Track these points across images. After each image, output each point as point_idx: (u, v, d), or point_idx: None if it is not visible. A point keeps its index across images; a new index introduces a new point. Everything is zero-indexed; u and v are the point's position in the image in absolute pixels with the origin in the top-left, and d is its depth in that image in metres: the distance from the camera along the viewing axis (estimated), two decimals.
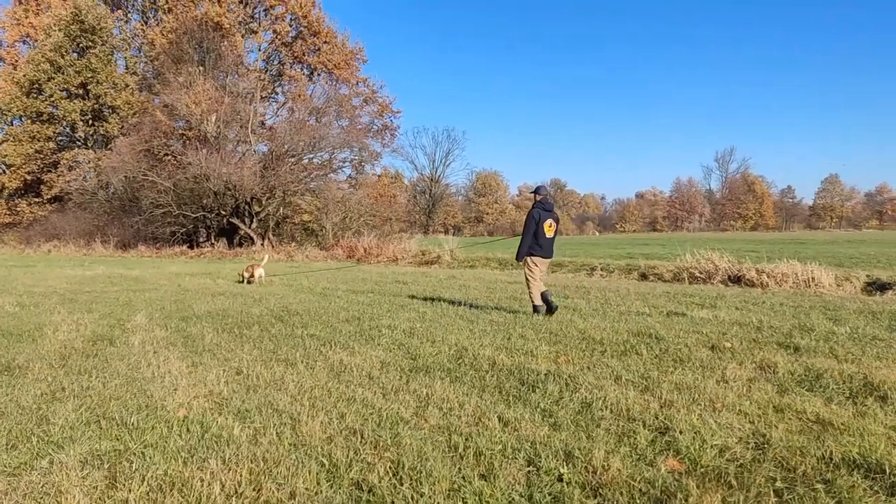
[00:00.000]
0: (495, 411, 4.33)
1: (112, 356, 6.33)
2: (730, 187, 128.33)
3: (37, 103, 42.31)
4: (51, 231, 40.40)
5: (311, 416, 4.23)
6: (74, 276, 17.53)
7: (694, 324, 8.18)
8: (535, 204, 9.34)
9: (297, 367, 5.81)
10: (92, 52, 42.08)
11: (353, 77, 46.25)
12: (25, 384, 5.21)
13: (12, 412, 4.43)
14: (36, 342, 7.17)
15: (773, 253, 19.43)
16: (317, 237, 36.64)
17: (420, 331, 7.66)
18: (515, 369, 5.59)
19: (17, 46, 50.13)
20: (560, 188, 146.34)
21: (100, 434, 3.94)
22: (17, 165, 44.39)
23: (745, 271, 14.35)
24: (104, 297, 12.00)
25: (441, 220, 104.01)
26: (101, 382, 5.23)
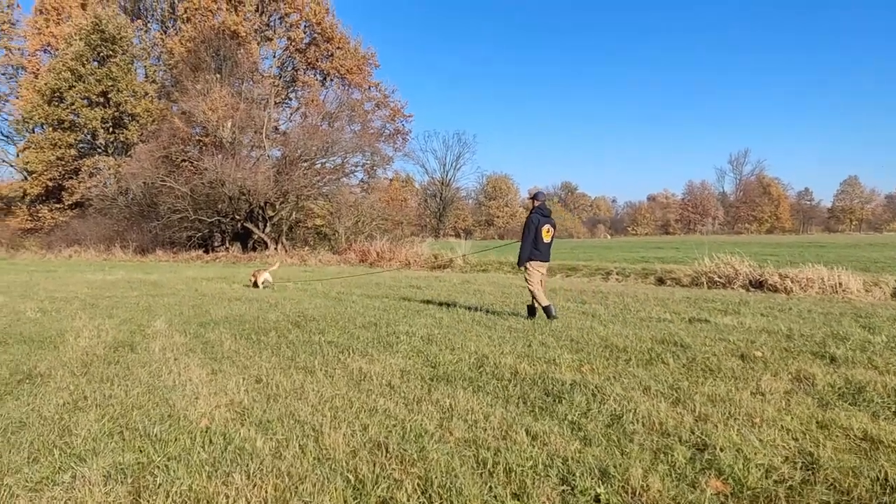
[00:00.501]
0: (522, 424, 4.26)
1: (133, 363, 6.33)
2: (744, 190, 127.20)
3: (58, 111, 42.70)
4: (72, 236, 40.74)
5: (334, 427, 4.18)
6: (95, 281, 17.66)
7: (719, 331, 8.05)
8: (533, 209, 9.50)
9: (316, 375, 5.77)
10: (112, 60, 42.45)
11: (366, 82, 46.38)
12: (47, 393, 5.20)
13: (34, 423, 4.42)
14: (58, 349, 7.19)
15: (794, 257, 19.17)
16: (329, 241, 36.70)
17: (438, 337, 7.61)
18: (539, 379, 5.52)
19: (39, 55, 50.71)
20: (570, 191, 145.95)
21: (123, 446, 3.91)
22: (39, 172, 44.82)
23: (768, 276, 14.12)
24: (124, 302, 12.06)
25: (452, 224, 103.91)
26: (124, 391, 5.22)
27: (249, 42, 40.60)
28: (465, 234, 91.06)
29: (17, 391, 5.31)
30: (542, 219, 9.36)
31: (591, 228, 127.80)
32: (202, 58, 37.59)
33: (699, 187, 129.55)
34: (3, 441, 4.05)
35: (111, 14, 43.21)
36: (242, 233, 37.02)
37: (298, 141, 35.81)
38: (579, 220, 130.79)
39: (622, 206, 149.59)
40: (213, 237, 38.32)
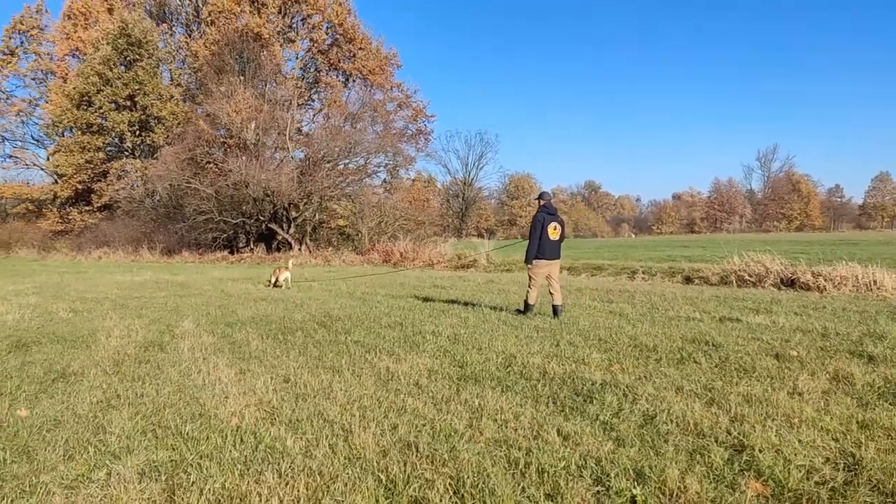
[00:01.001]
0: (553, 424, 4.22)
1: (164, 362, 6.40)
2: (773, 187, 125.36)
3: (87, 115, 43.48)
4: (101, 238, 41.44)
5: (363, 427, 4.17)
6: (124, 282, 17.92)
7: (751, 330, 7.92)
8: (539, 208, 9.73)
9: (343, 374, 5.78)
10: (139, 64, 43.13)
11: (388, 82, 46.59)
12: (81, 391, 5.28)
13: (69, 421, 4.48)
14: (90, 348, 7.29)
15: (825, 254, 18.79)
16: (353, 242, 36.88)
17: (465, 337, 7.58)
18: (568, 378, 5.47)
19: (67, 60, 51.73)
20: (594, 190, 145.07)
21: (156, 444, 3.95)
22: (69, 175, 45.72)
23: (800, 274, 13.86)
24: (153, 302, 12.21)
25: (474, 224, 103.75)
26: (155, 389, 5.27)
27: (272, 44, 40.99)
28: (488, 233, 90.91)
29: (51, 390, 5.39)
30: (548, 217, 9.57)
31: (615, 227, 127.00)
32: (226, 60, 38.01)
33: (726, 185, 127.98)
34: (38, 439, 4.11)
35: (137, 18, 43.94)
36: (267, 234, 37.36)
37: (321, 142, 36.04)
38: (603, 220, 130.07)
39: (646, 204, 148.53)
40: (238, 238, 38.72)
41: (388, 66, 46.50)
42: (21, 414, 4.68)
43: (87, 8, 49.67)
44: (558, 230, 9.63)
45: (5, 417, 4.59)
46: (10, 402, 5.00)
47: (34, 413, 4.69)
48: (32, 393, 5.28)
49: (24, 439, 4.10)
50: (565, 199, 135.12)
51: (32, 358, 6.74)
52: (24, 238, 49.32)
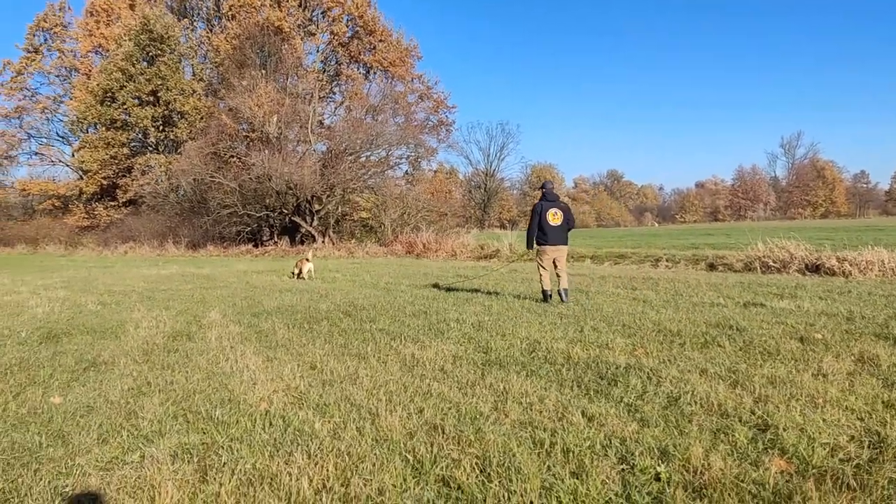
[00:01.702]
0: (578, 406, 4.22)
1: (192, 351, 6.49)
2: (797, 174, 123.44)
3: (110, 111, 44.03)
4: (126, 233, 42.03)
5: (389, 410, 4.21)
6: (150, 276, 18.18)
7: (776, 314, 7.84)
8: (540, 197, 10.06)
9: (369, 361, 5.83)
10: (161, 60, 43.55)
11: (409, 74, 46.52)
12: (112, 379, 5.38)
13: (101, 406, 4.58)
14: (119, 338, 7.43)
15: (851, 240, 18.50)
16: (376, 233, 36.97)
17: (489, 324, 7.60)
18: (592, 363, 5.46)
19: (91, 56, 52.45)
20: (617, 179, 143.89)
21: (187, 427, 4.02)
22: (94, 171, 46.40)
23: (825, 259, 13.69)
24: (179, 294, 12.38)
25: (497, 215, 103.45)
26: (184, 377, 5.36)
27: (293, 37, 41.14)
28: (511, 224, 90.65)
29: (83, 378, 5.50)
30: (547, 203, 9.84)
31: (637, 217, 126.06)
32: (247, 54, 38.23)
33: (750, 172, 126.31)
34: (72, 424, 4.20)
35: (159, 14, 44.34)
36: (290, 227, 37.62)
37: (343, 134, 36.13)
38: (626, 209, 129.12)
39: (669, 193, 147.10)
40: (262, 231, 39.04)
41: (408, 58, 46.45)
42: (55, 401, 4.78)
43: (109, 4, 50.27)
44: (559, 216, 9.81)
45: (40, 404, 4.70)
46: (43, 389, 5.11)
47: (67, 400, 4.80)
48: (65, 381, 5.40)
49: (58, 424, 4.20)
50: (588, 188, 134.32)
51: (63, 348, 6.87)
52: (50, 234, 50.15)
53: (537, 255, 10.02)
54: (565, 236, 9.98)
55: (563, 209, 9.93)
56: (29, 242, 49.83)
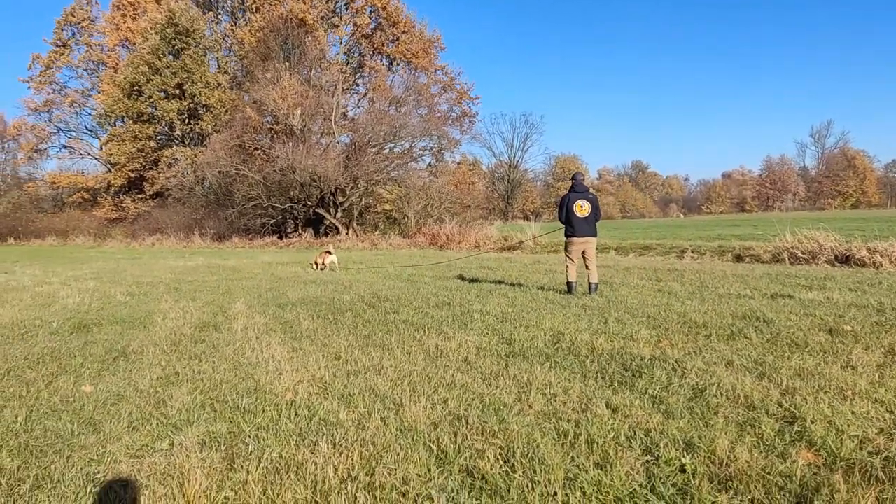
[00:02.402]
0: (602, 397, 4.21)
1: (218, 342, 6.58)
2: (827, 163, 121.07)
3: (137, 104, 44.63)
4: (153, 225, 42.68)
5: (414, 401, 4.22)
6: (177, 267, 18.44)
7: (804, 306, 7.73)
8: (570, 189, 10.01)
9: (393, 352, 5.86)
10: (186, 53, 43.98)
11: (432, 65, 46.49)
12: (141, 369, 5.48)
13: (131, 395, 4.66)
14: (147, 329, 7.55)
15: (882, 231, 18.14)
16: (399, 225, 37.07)
17: (512, 315, 7.59)
18: (616, 354, 5.43)
19: (117, 50, 53.21)
20: (642, 170, 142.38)
21: (214, 417, 4.08)
22: (122, 164, 47.17)
23: (855, 250, 13.44)
24: (205, 286, 12.54)
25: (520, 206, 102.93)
26: (211, 367, 5.44)
27: (316, 29, 41.29)
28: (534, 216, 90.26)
29: (112, 367, 5.61)
30: (574, 195, 9.77)
31: (663, 208, 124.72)
32: (271, 47, 38.45)
33: (778, 162, 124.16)
34: (103, 412, 4.28)
35: (184, 7, 44.73)
36: (314, 218, 37.86)
37: (367, 126, 36.21)
38: (651, 200, 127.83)
39: (695, 184, 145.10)
40: (287, 223, 39.34)
41: (431, 49, 46.39)
42: (86, 390, 4.88)
43: None
44: (586, 207, 9.72)
45: (71, 393, 4.79)
46: (74, 378, 5.22)
47: (98, 389, 4.89)
48: (95, 370, 5.50)
49: (89, 413, 4.29)
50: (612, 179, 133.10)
51: (94, 338, 7.01)
52: (80, 226, 51.16)
53: (565, 247, 10.05)
54: (593, 228, 9.86)
55: (591, 201, 9.81)
56: (59, 234, 50.87)
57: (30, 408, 4.42)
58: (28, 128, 57.12)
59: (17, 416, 4.23)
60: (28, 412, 4.31)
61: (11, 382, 5.13)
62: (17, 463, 3.43)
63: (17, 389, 4.91)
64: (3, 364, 5.77)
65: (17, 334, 7.35)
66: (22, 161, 61.96)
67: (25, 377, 5.30)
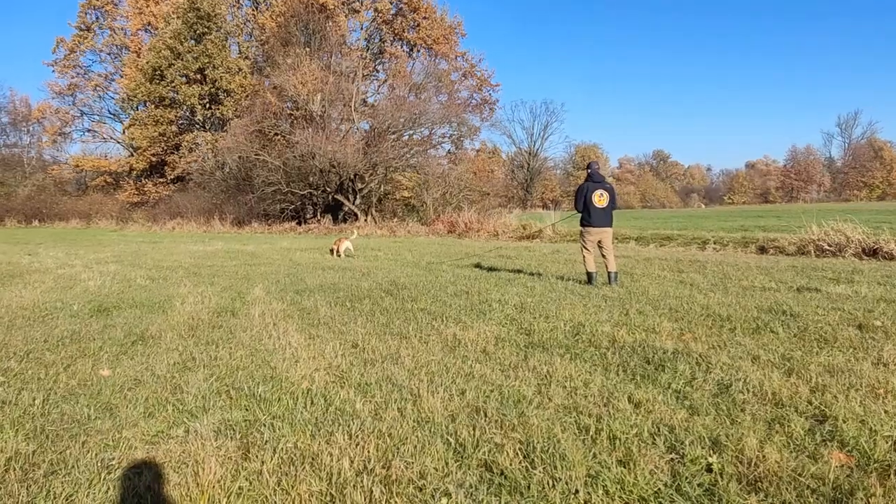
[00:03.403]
0: (624, 391, 4.11)
1: (235, 328, 6.55)
2: (854, 154, 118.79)
3: (159, 88, 44.88)
4: (174, 209, 43.05)
5: (431, 391, 4.16)
6: (197, 252, 18.54)
7: (831, 300, 7.55)
8: (585, 178, 9.93)
9: (410, 341, 5.79)
10: (208, 38, 44.11)
11: (452, 52, 46.20)
12: (159, 353, 5.47)
13: (148, 380, 4.64)
14: (166, 313, 7.55)
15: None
16: (418, 213, 36.98)
17: (531, 305, 7.49)
18: (638, 347, 5.32)
19: (140, 35, 53.50)
20: (663, 159, 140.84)
21: (230, 404, 4.05)
22: (144, 148, 47.55)
23: (883, 243, 13.15)
24: (224, 270, 12.57)
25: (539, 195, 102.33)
26: (228, 353, 5.41)
27: (337, 15, 41.14)
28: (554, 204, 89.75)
29: (131, 351, 5.61)
30: (593, 185, 9.69)
31: (684, 198, 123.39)
32: (292, 32, 38.41)
33: (803, 153, 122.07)
34: (120, 397, 4.27)
35: None
36: (333, 205, 37.92)
37: (386, 113, 36.10)
38: (672, 190, 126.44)
39: (717, 174, 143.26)
40: (306, 209, 39.46)
41: (452, 36, 46.09)
42: (104, 374, 4.88)
43: None
44: (605, 197, 9.68)
45: (89, 377, 4.79)
46: (93, 362, 5.22)
47: (115, 373, 4.89)
48: (114, 354, 5.50)
49: (106, 397, 4.27)
50: (633, 168, 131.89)
51: (113, 322, 7.02)
52: (102, 209, 51.72)
53: (581, 236, 9.96)
54: (610, 218, 9.83)
55: (609, 190, 9.78)
56: (82, 217, 51.46)
57: (47, 391, 4.42)
58: (52, 111, 57.81)
59: (34, 398, 4.23)
60: (46, 395, 4.31)
61: (31, 365, 5.14)
62: (33, 447, 3.41)
63: (35, 372, 4.92)
64: (24, 346, 5.79)
65: (37, 316, 7.39)
66: (46, 144, 62.64)
67: (45, 360, 5.31)
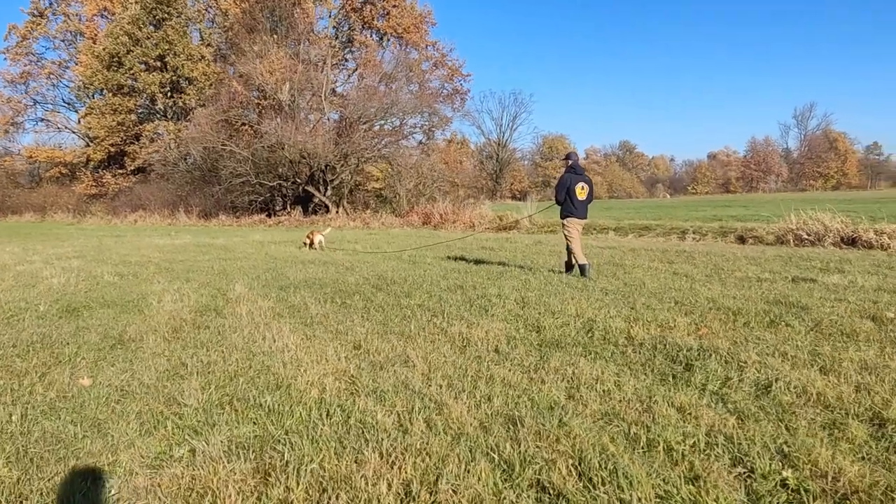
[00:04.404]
0: (660, 395, 3.82)
1: (224, 328, 6.09)
2: (809, 145, 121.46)
3: (117, 76, 43.38)
4: (136, 201, 41.71)
5: (454, 398, 3.82)
6: (164, 246, 17.82)
7: (832, 291, 7.45)
8: (566, 169, 9.80)
9: (415, 340, 5.43)
10: (168, 23, 42.73)
11: (423, 41, 45.57)
12: (144, 359, 5.01)
13: (136, 391, 4.20)
14: (143, 313, 7.05)
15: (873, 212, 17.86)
16: (391, 204, 36.42)
17: (533, 300, 7.17)
18: (658, 344, 5.05)
19: (96, 20, 51.64)
20: (629, 150, 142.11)
21: (236, 417, 3.63)
22: (101, 138, 45.97)
23: (862, 232, 13.24)
24: (198, 266, 12.00)
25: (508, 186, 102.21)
26: (221, 357, 4.97)
27: (305, 1, 40.13)
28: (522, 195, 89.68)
29: (111, 357, 5.14)
30: (575, 177, 9.62)
31: (649, 188, 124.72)
32: (257, 19, 37.39)
33: (762, 143, 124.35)
34: (107, 411, 3.83)
35: None
36: (303, 196, 37.10)
37: (358, 102, 35.38)
38: (637, 180, 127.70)
39: (680, 164, 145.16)
40: (275, 201, 38.57)
41: (422, 24, 45.43)
42: (83, 383, 4.43)
43: None
44: (586, 189, 9.66)
45: (68, 387, 4.33)
46: (70, 369, 4.75)
47: (97, 382, 4.44)
48: (92, 360, 5.03)
49: (92, 411, 3.83)
50: (599, 159, 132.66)
51: (86, 323, 6.51)
52: (58, 202, 49.89)
53: (565, 228, 9.73)
54: (587, 211, 9.86)
55: (589, 183, 9.79)
56: (37, 210, 49.58)
57: (24, 405, 3.95)
58: (4, 100, 55.35)
59: (10, 414, 3.77)
60: (23, 410, 3.84)
61: (1, 374, 4.65)
62: (17, 473, 2.98)
63: (7, 382, 4.42)
64: None
65: (1, 318, 6.83)
66: None
67: (16, 368, 4.82)
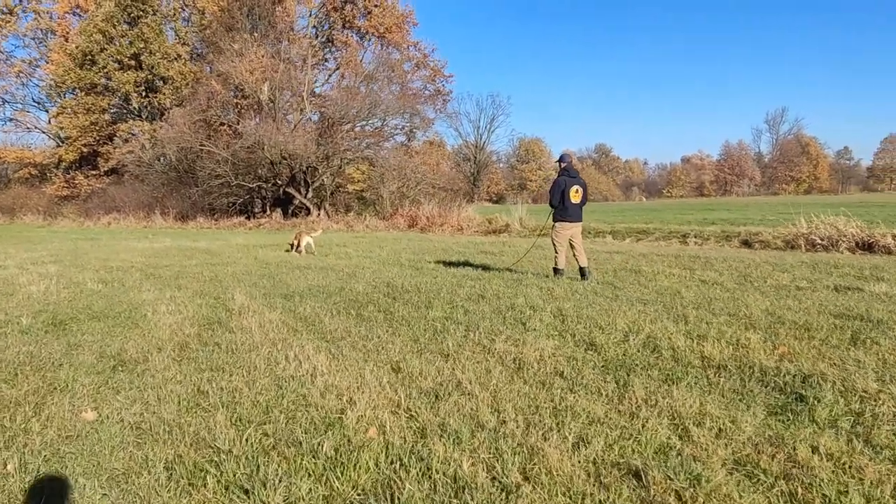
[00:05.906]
0: (792, 436, 3.23)
1: (237, 346, 5.37)
2: (781, 149, 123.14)
3: (90, 75, 41.95)
4: (109, 203, 40.33)
5: (541, 439, 3.20)
6: (144, 249, 16.91)
7: (890, 301, 6.95)
8: (560, 172, 9.70)
9: (459, 360, 4.80)
10: (143, 21, 41.41)
11: (404, 41, 44.79)
12: (154, 385, 4.31)
13: (156, 428, 3.50)
14: (139, 326, 6.32)
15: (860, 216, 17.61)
16: (374, 206, 35.60)
17: (571, 312, 6.54)
18: (745, 367, 4.46)
19: (68, 18, 49.98)
20: (605, 153, 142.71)
21: (288, 469, 2.95)
22: (74, 138, 44.45)
23: (879, 237, 12.91)
24: (186, 272, 11.20)
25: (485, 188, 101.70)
26: (245, 384, 4.28)
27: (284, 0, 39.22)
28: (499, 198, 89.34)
29: (113, 382, 4.44)
30: (570, 180, 9.50)
31: (625, 191, 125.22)
32: (236, 17, 36.40)
33: (736, 147, 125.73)
34: (125, 458, 3.13)
35: None
36: (284, 198, 36.12)
37: (338, 103, 34.56)
38: (613, 183, 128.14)
39: (654, 168, 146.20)
40: (254, 203, 37.57)
41: (404, 24, 44.64)
42: (88, 417, 3.74)
43: None
44: (580, 193, 9.55)
45: (70, 423, 3.64)
46: (69, 399, 4.05)
47: (104, 416, 3.75)
48: (92, 387, 4.32)
49: (105, 458, 3.14)
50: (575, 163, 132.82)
51: (77, 339, 5.77)
52: (28, 203, 48.06)
53: (554, 231, 9.60)
54: (582, 214, 9.74)
55: (583, 186, 9.69)
56: (5, 212, 47.78)
57: (21, 450, 3.24)
58: None
59: (5, 462, 3.07)
60: (20, 458, 3.14)
61: None
62: None
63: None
64: None
65: None
66: None
67: (4, 396, 4.10)
